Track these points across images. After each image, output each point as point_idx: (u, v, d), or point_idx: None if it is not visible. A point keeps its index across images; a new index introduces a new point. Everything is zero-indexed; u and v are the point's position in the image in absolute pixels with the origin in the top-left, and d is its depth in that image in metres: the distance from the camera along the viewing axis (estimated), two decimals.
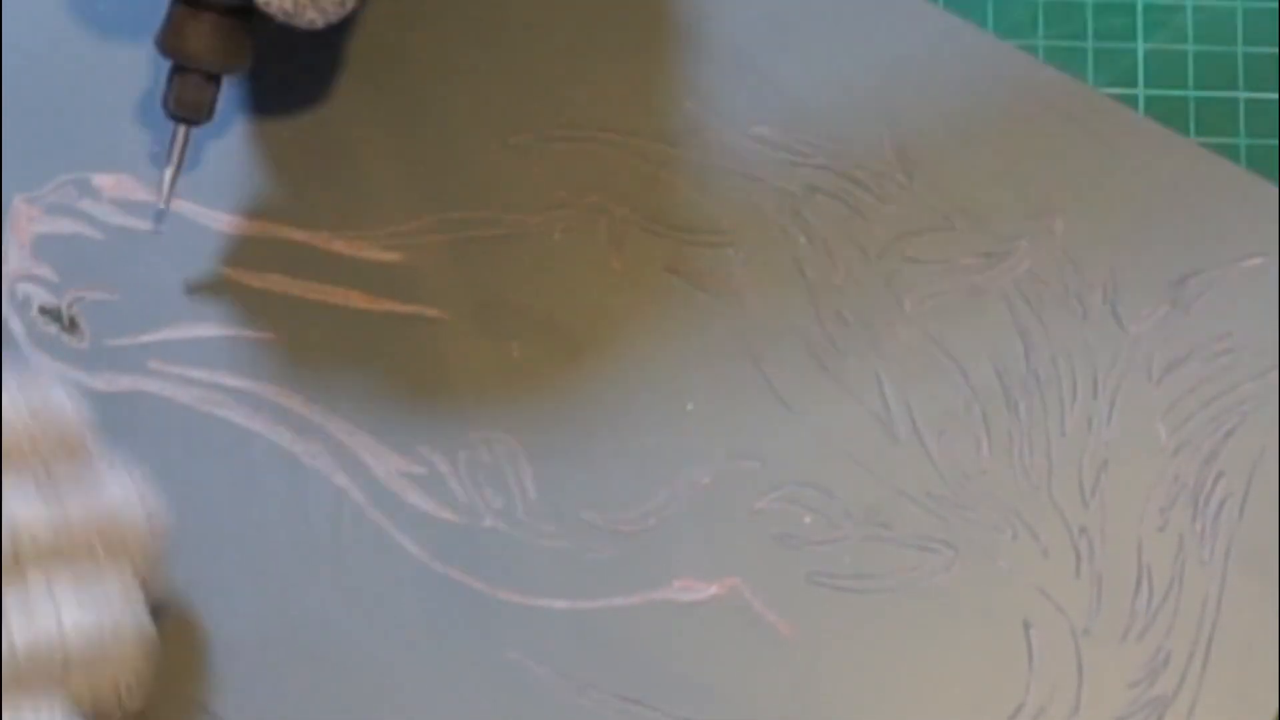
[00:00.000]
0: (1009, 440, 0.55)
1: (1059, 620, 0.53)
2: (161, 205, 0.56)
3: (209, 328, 0.55)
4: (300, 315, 0.56)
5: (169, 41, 0.53)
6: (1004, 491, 0.54)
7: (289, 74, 0.58)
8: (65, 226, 0.56)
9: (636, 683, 0.53)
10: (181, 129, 0.55)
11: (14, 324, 0.55)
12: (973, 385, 0.55)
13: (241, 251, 0.56)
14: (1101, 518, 0.54)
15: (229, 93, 0.57)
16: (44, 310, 0.56)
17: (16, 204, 0.56)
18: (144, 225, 0.56)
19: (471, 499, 0.54)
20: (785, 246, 0.56)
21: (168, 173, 0.55)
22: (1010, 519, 0.54)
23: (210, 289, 0.56)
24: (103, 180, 0.57)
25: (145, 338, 0.55)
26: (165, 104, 0.54)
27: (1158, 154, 0.57)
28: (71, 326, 0.55)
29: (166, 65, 0.54)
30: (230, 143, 0.57)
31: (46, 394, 0.50)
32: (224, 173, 0.57)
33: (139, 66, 0.58)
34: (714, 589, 0.53)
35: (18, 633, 0.47)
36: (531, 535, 0.54)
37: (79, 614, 0.47)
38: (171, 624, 0.52)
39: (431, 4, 0.58)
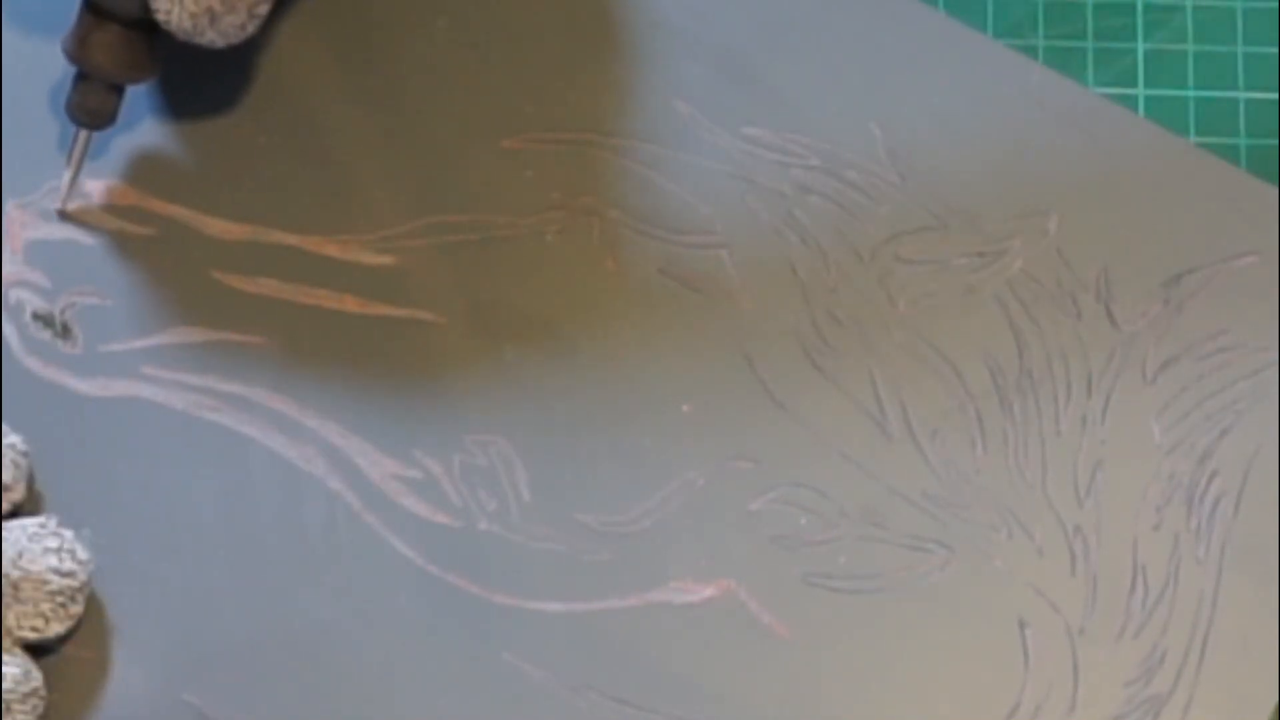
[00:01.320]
0: (1003, 440, 0.55)
1: (1054, 619, 0.54)
2: (60, 206, 0.57)
3: (202, 332, 0.56)
4: (293, 319, 0.56)
5: (74, 49, 0.55)
6: (999, 491, 0.55)
7: (280, 79, 0.58)
8: (58, 232, 0.57)
9: (632, 684, 0.53)
10: (82, 134, 0.56)
11: (7, 330, 0.56)
12: (967, 385, 0.56)
13: (234, 256, 0.57)
14: (1097, 517, 0.55)
15: (223, 96, 0.58)
16: (37, 316, 0.56)
17: (9, 209, 0.57)
18: (137, 230, 0.57)
19: (466, 502, 0.55)
20: (778, 247, 0.57)
21: (67, 175, 0.57)
22: (1005, 518, 0.55)
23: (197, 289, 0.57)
24: (95, 185, 0.57)
25: (139, 343, 0.56)
26: (68, 109, 0.55)
27: (1150, 152, 0.58)
28: (65, 332, 0.56)
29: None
30: (223, 148, 0.58)
31: None
32: (216, 178, 0.58)
33: None
34: (710, 590, 0.54)
35: None
36: (526, 538, 0.55)
37: None
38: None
39: (423, 7, 0.59)
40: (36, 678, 0.52)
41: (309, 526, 0.55)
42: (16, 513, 0.54)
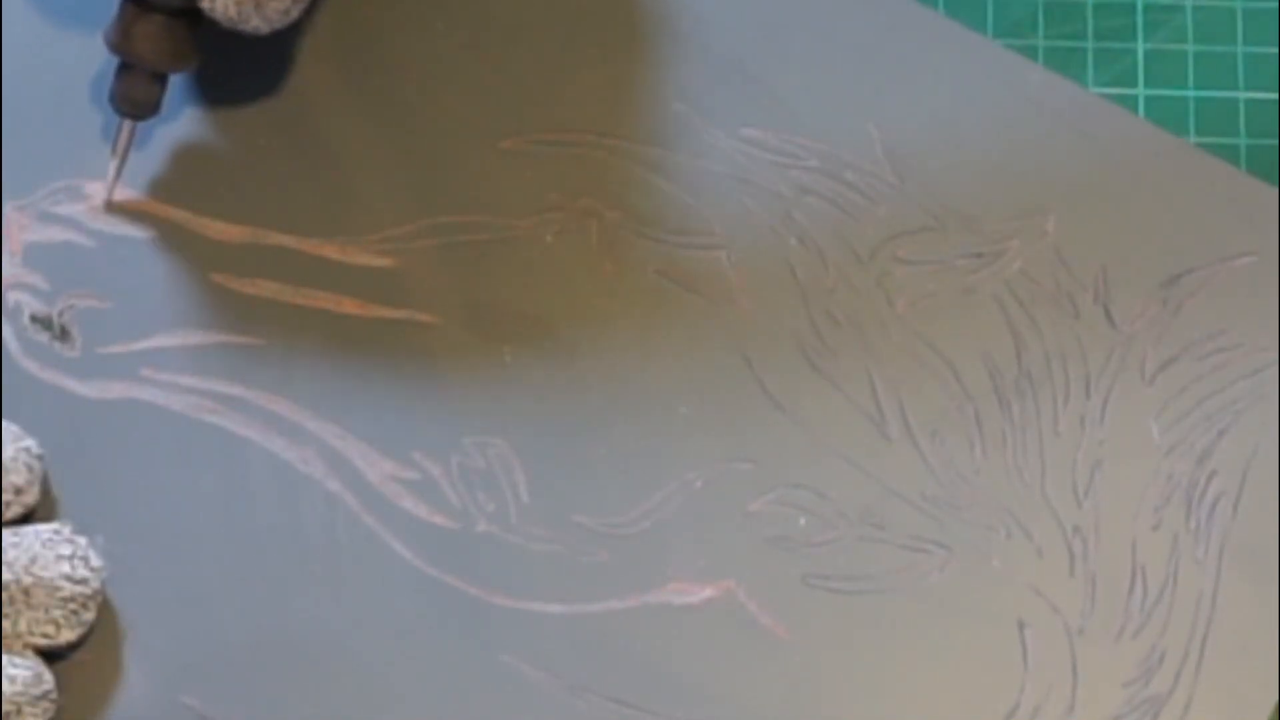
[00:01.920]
0: (1002, 440, 0.56)
1: (1054, 620, 0.54)
2: (106, 197, 0.57)
3: (201, 335, 0.57)
4: (292, 321, 0.57)
5: (117, 40, 0.55)
6: (998, 491, 0.55)
7: (279, 82, 0.59)
8: (56, 234, 0.57)
9: (631, 686, 0.54)
10: (126, 124, 0.56)
11: (6, 332, 0.56)
12: (965, 385, 0.56)
13: (233, 258, 0.57)
14: (1095, 517, 0.55)
15: (220, 102, 0.58)
16: (35, 318, 0.57)
17: (8, 212, 0.57)
18: (136, 232, 0.57)
19: (465, 503, 0.55)
20: (776, 248, 0.57)
21: (112, 165, 0.57)
22: (1004, 519, 0.55)
23: (198, 290, 0.57)
24: (94, 188, 0.58)
25: (137, 345, 0.56)
26: (112, 100, 0.56)
27: (1148, 152, 0.58)
28: (63, 335, 0.57)
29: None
30: (221, 150, 0.58)
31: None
32: (215, 180, 0.58)
33: None
34: (709, 591, 0.55)
35: None
36: (525, 539, 0.55)
37: None
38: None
39: (421, 8, 0.59)
40: (49, 680, 0.52)
41: (307, 528, 0.55)
42: (30, 516, 0.54)
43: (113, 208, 0.58)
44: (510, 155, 0.58)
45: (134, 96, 0.56)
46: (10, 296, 0.57)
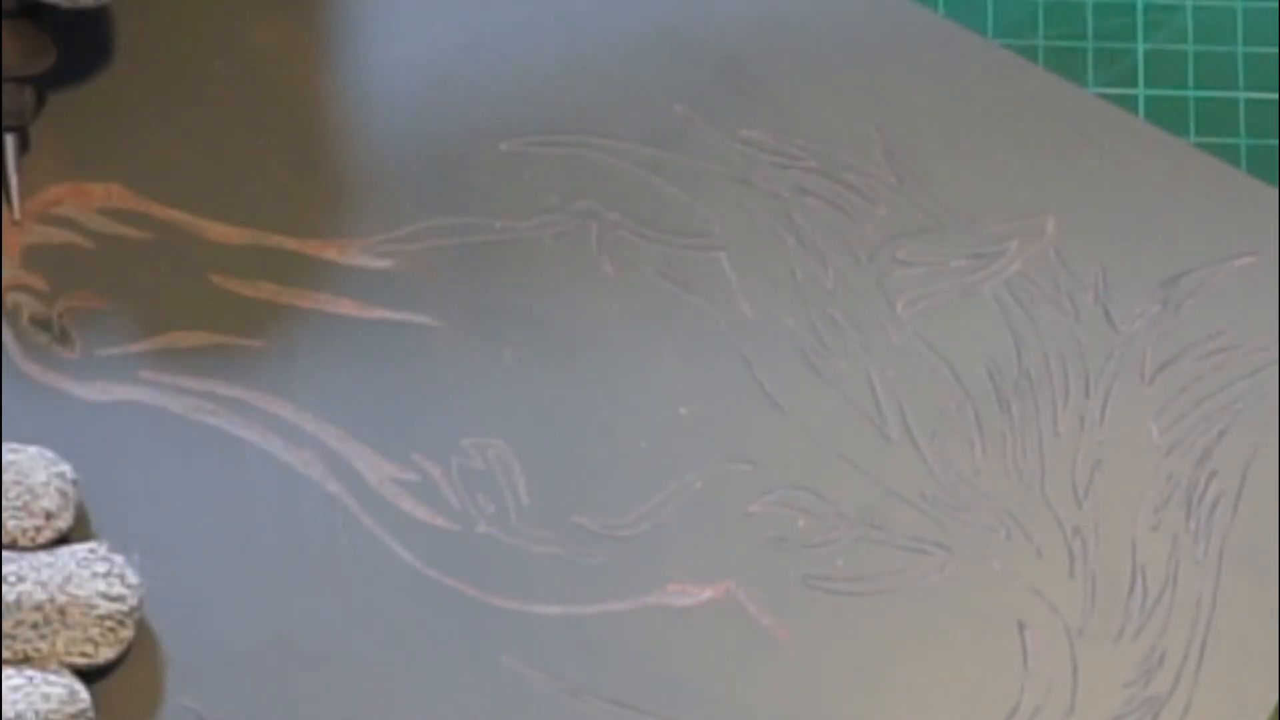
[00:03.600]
0: (1002, 441, 0.56)
1: (1053, 620, 0.54)
2: (16, 217, 0.57)
3: (200, 336, 0.57)
4: (292, 323, 0.57)
5: None
6: (997, 492, 0.55)
7: (278, 82, 0.59)
8: (55, 236, 0.57)
9: (631, 687, 0.54)
10: (9, 139, 0.56)
11: (5, 334, 0.56)
12: (965, 386, 0.56)
13: (232, 260, 0.57)
14: (1095, 518, 0.55)
15: (221, 100, 0.59)
16: (35, 320, 0.57)
17: (7, 212, 0.57)
18: (136, 233, 0.57)
19: (464, 505, 0.55)
20: (775, 249, 0.58)
21: (13, 184, 0.57)
22: (1004, 519, 0.55)
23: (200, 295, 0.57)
24: (93, 189, 0.58)
25: (136, 347, 0.57)
26: None
27: (1147, 153, 0.58)
28: (62, 336, 0.57)
29: None
30: (221, 151, 0.58)
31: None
32: (215, 181, 0.58)
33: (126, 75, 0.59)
34: (708, 593, 0.55)
35: None
36: (525, 541, 0.55)
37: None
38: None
39: (420, 10, 0.60)
40: (84, 698, 0.52)
41: (307, 530, 0.55)
42: (64, 541, 0.54)
43: (24, 222, 0.57)
44: (509, 157, 0.58)
45: (9, 108, 0.56)
46: (9, 298, 0.57)
